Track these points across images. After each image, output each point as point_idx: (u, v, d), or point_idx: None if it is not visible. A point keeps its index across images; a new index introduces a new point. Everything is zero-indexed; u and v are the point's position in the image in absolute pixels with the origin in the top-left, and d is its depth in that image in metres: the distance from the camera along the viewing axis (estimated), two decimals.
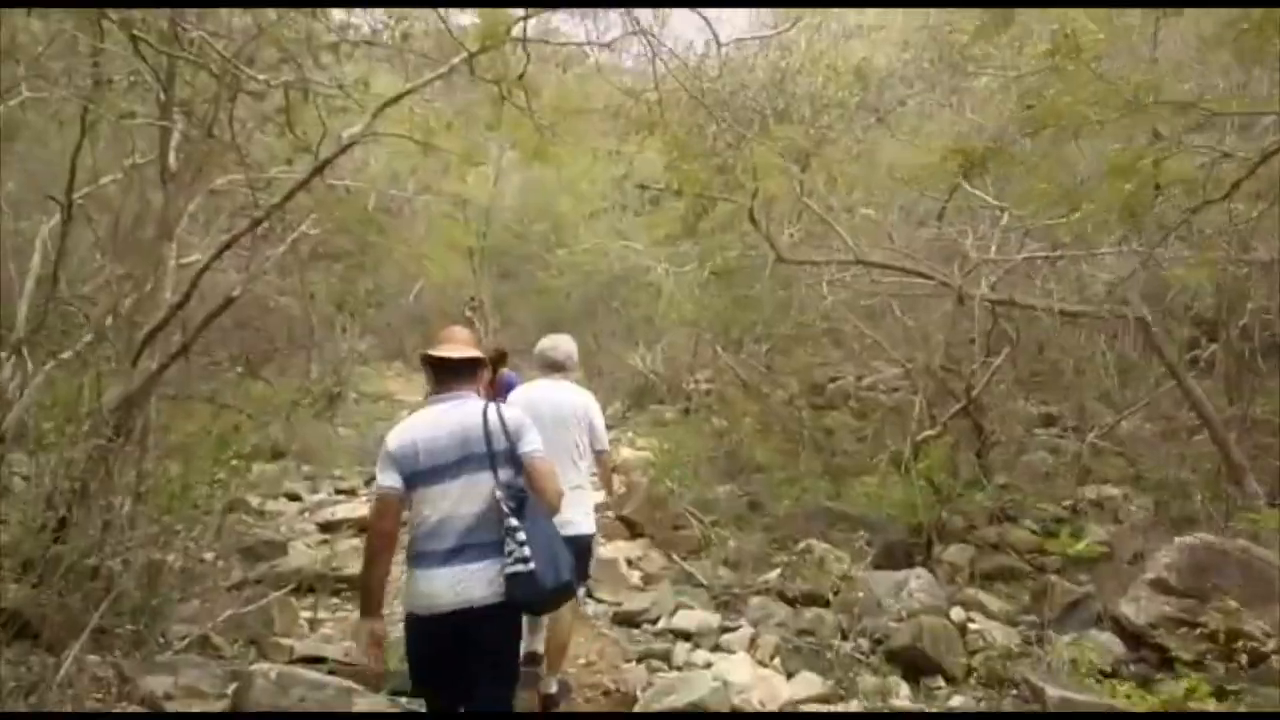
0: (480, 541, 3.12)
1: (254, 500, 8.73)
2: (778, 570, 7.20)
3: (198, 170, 7.00)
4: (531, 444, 3.24)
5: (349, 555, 6.96)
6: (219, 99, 6.12)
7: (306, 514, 9.06)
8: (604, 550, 7.48)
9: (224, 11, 6.71)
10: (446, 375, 3.35)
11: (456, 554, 3.11)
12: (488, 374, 3.60)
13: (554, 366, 4.78)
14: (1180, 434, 9.67)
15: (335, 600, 6.41)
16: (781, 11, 9.90)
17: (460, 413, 3.24)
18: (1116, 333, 10.19)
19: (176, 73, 6.32)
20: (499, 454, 3.18)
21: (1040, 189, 6.50)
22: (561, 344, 4.84)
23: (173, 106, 6.41)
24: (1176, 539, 6.14)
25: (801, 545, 7.31)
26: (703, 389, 13.64)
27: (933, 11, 8.67)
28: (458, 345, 3.39)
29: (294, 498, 9.73)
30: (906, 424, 9.15)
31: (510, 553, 3.06)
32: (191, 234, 7.85)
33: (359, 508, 8.85)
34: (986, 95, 8.58)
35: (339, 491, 10.26)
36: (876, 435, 10.04)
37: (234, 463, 6.36)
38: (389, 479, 3.17)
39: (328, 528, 8.36)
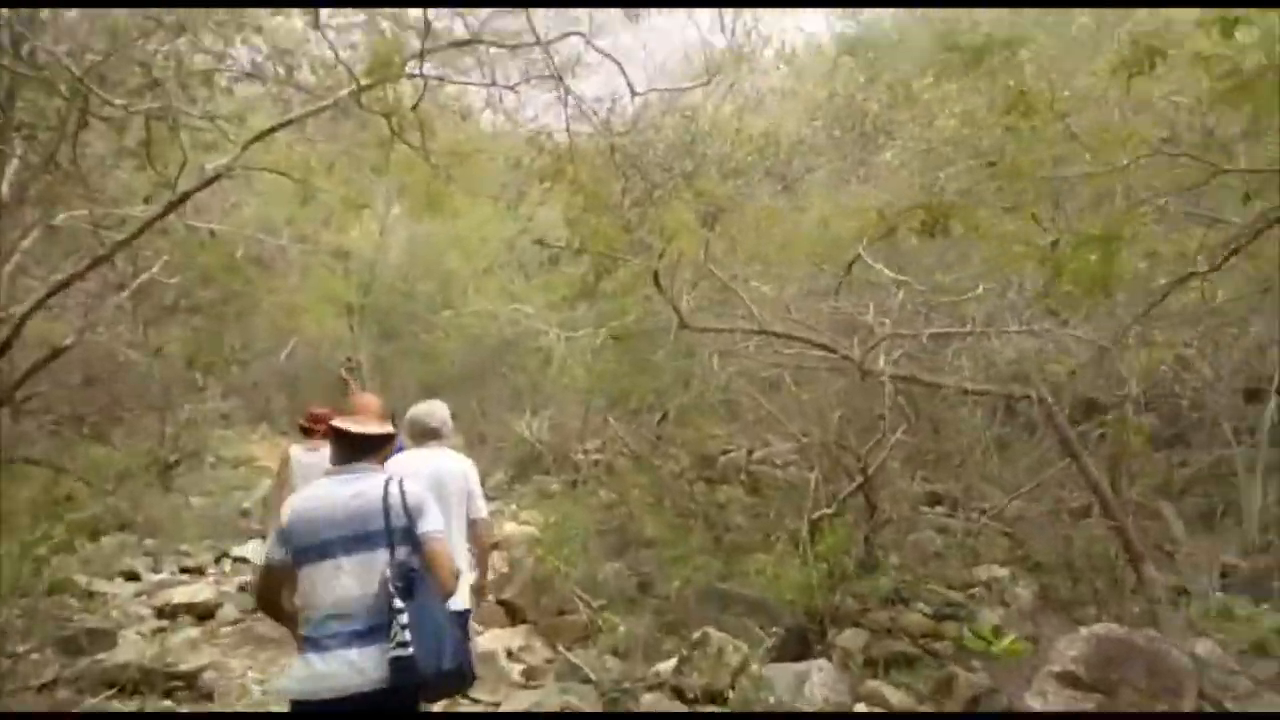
0: (380, 623, 2.98)
1: (82, 580, 7.69)
2: (671, 661, 6.72)
3: (39, 203, 6.26)
4: (431, 524, 3.12)
5: (186, 648, 6.08)
6: (66, 124, 5.47)
7: (143, 596, 7.99)
8: (483, 640, 6.84)
9: (81, 29, 6.06)
10: (352, 449, 3.18)
11: (362, 636, 2.97)
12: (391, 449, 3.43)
13: (430, 434, 4.52)
14: (1063, 515, 9.73)
15: (166, 703, 5.49)
16: (694, 68, 9.81)
17: (358, 486, 3.13)
18: (995, 412, 10.26)
19: (18, 92, 5.65)
20: (396, 531, 3.07)
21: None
22: (436, 409, 4.60)
23: (11, 130, 5.72)
24: (1082, 629, 5.95)
25: (697, 634, 6.86)
26: (591, 459, 13.15)
27: (839, 81, 8.69)
28: (371, 419, 3.24)
29: (131, 576, 8.64)
30: (802, 501, 8.92)
31: (393, 636, 2.91)
32: (34, 278, 7.01)
33: (203, 590, 7.95)
34: (893, 169, 8.58)
35: (184, 570, 9.24)
36: (773, 512, 9.76)
37: (60, 536, 5.55)
38: (275, 551, 3.15)
39: (165, 613, 7.39)
